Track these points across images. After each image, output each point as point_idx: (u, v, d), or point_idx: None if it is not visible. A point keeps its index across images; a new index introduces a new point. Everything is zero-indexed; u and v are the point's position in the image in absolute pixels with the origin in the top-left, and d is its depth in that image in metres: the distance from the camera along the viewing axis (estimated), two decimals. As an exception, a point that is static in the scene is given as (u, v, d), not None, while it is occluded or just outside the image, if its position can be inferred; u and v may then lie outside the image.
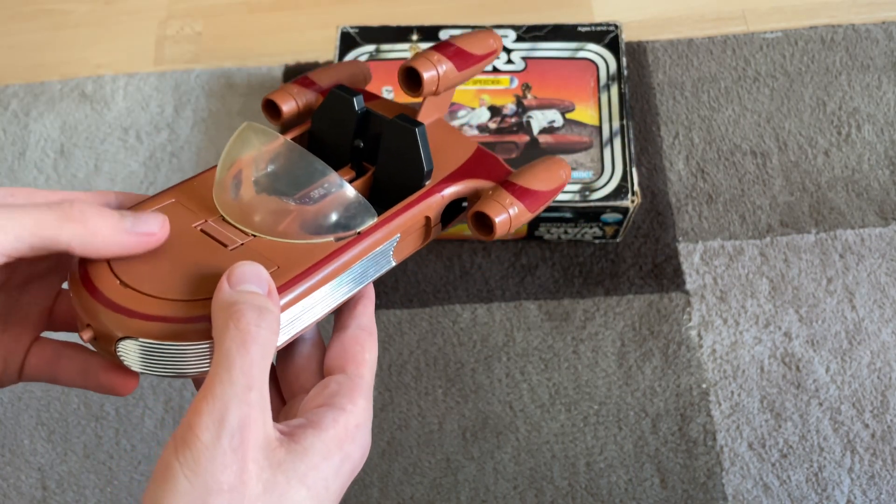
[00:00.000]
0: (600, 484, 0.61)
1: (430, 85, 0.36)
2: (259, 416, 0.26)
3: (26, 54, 0.83)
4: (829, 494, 0.60)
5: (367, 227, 0.33)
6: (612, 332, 0.66)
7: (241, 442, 0.25)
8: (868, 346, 0.64)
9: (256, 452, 0.25)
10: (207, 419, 0.25)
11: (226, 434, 0.25)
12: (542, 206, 0.37)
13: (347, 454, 0.28)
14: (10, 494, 0.63)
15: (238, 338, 0.26)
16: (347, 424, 0.29)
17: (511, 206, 0.35)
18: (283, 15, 0.84)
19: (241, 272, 0.28)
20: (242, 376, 0.25)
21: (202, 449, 0.24)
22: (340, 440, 0.28)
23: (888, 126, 0.73)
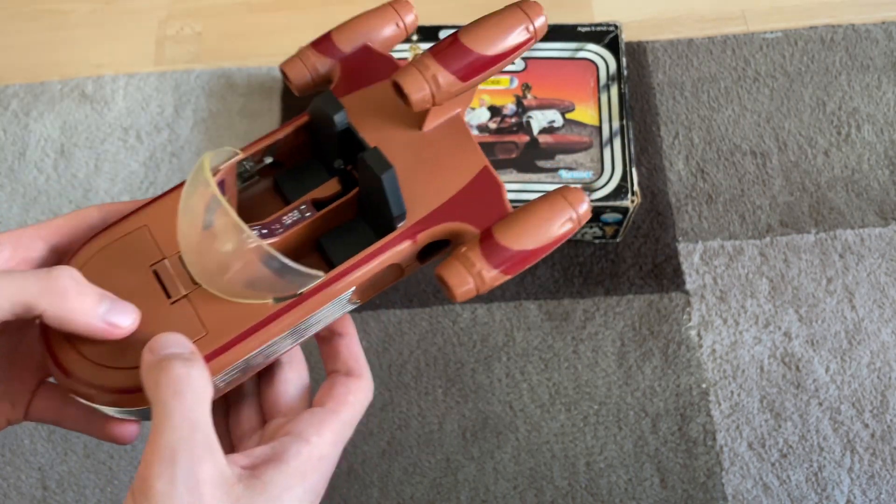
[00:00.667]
0: (600, 484, 0.61)
1: (421, 104, 0.31)
2: (207, 455, 0.26)
3: (26, 54, 0.83)
4: (829, 494, 0.60)
5: (309, 288, 0.31)
6: (612, 331, 0.66)
7: (196, 482, 0.25)
8: (868, 346, 0.64)
9: (213, 489, 0.26)
10: (159, 467, 0.25)
11: (179, 477, 0.25)
12: (526, 266, 0.32)
13: (311, 485, 0.29)
14: (10, 494, 0.63)
15: (170, 387, 0.27)
16: (311, 456, 0.29)
17: (479, 275, 0.31)
18: (283, 15, 0.84)
19: (162, 342, 0.28)
20: (183, 421, 0.26)
21: (159, 496, 0.25)
22: (303, 472, 0.29)
23: (888, 126, 0.73)
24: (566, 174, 0.65)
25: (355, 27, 0.37)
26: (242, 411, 0.35)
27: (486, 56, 0.32)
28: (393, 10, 0.37)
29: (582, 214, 0.32)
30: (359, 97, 0.35)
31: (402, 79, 0.31)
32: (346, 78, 0.35)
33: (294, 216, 0.33)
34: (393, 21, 0.36)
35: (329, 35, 0.36)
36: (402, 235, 0.32)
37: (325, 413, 0.31)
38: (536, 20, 0.32)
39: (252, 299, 0.31)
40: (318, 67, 0.36)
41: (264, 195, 0.36)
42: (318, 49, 0.36)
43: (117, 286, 0.31)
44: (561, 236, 0.32)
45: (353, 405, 0.32)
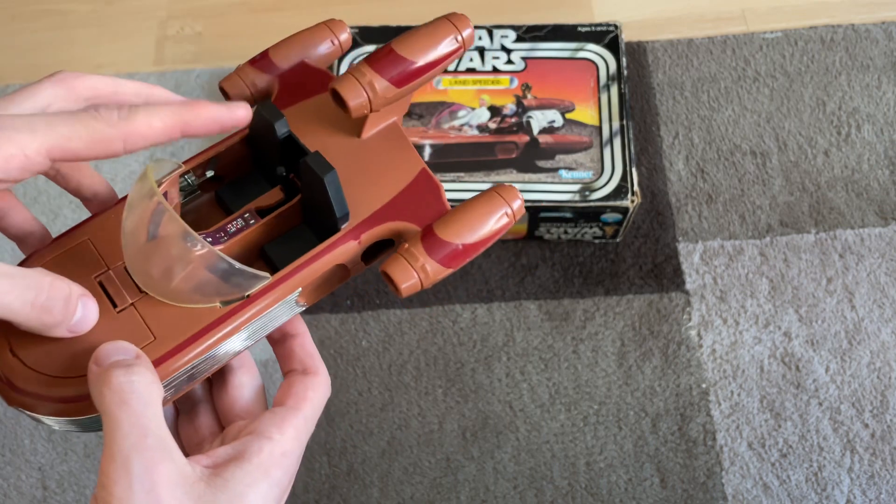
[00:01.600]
0: (600, 483, 0.61)
1: (359, 110, 0.33)
2: (163, 457, 0.26)
3: (27, 54, 0.83)
4: (829, 494, 0.60)
5: (256, 290, 0.31)
6: (612, 331, 0.66)
7: (153, 484, 0.26)
8: (868, 346, 0.64)
9: (173, 490, 0.26)
10: (115, 475, 0.26)
11: (135, 482, 0.26)
12: (468, 259, 0.33)
13: (275, 481, 0.29)
14: (10, 494, 0.63)
15: (115, 398, 0.27)
16: (273, 452, 0.30)
17: (423, 268, 0.32)
18: (283, 15, 0.84)
19: (105, 352, 0.29)
20: (132, 428, 0.26)
21: (117, 502, 0.25)
22: (266, 468, 0.29)
23: (888, 126, 0.73)
24: (566, 174, 0.65)
25: (291, 44, 0.38)
26: (198, 418, 0.35)
27: (419, 64, 0.34)
28: (327, 28, 0.39)
29: (516, 210, 0.34)
30: (298, 109, 0.36)
31: (339, 85, 0.33)
32: (284, 92, 0.37)
33: (238, 224, 0.34)
34: (328, 38, 0.38)
35: (266, 53, 0.37)
36: (346, 236, 0.33)
37: (286, 411, 0.31)
38: (464, 31, 0.35)
39: (200, 304, 0.31)
40: (256, 83, 0.36)
41: (206, 208, 0.36)
42: (256, 66, 0.37)
43: None
44: (498, 230, 0.33)
45: (312, 401, 0.32)
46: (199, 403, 0.35)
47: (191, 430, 0.35)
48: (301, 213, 0.35)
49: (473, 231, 0.33)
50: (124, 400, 0.27)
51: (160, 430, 0.27)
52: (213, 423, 0.35)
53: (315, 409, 0.33)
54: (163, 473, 0.26)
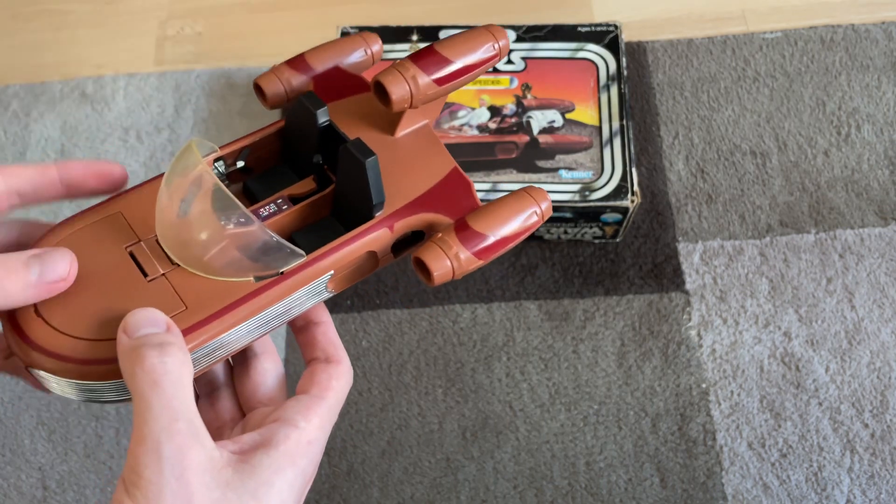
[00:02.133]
0: (600, 483, 0.61)
1: (401, 103, 0.34)
2: (193, 442, 0.27)
3: (27, 54, 0.83)
4: (829, 494, 0.60)
5: (291, 267, 0.32)
6: (612, 331, 0.66)
7: (183, 469, 0.26)
8: (868, 346, 0.64)
9: (202, 475, 0.26)
10: (145, 458, 0.26)
11: (166, 466, 0.26)
12: (498, 252, 0.34)
13: (301, 469, 0.29)
14: (10, 494, 0.63)
15: (147, 379, 0.27)
16: (300, 440, 0.30)
17: (456, 256, 0.32)
18: (283, 15, 0.84)
19: (136, 321, 0.28)
20: (164, 411, 0.26)
21: (148, 485, 0.26)
22: (293, 456, 0.29)
23: (888, 126, 0.73)
24: (566, 174, 0.65)
25: (327, 49, 0.39)
26: (218, 402, 0.35)
27: (459, 66, 0.35)
28: (362, 39, 0.40)
29: (545, 210, 0.35)
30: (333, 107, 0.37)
31: (384, 77, 0.33)
32: (318, 92, 0.37)
33: (271, 209, 0.34)
34: (361, 48, 0.39)
35: (302, 56, 0.38)
36: (379, 224, 0.33)
37: (311, 399, 0.32)
38: (501, 41, 0.37)
39: (233, 277, 0.31)
40: (291, 82, 0.38)
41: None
42: (292, 66, 0.38)
43: (91, 265, 0.31)
44: (527, 228, 0.35)
45: (336, 390, 0.33)
46: (219, 388, 0.35)
47: (211, 414, 0.35)
48: (331, 204, 0.35)
49: (505, 225, 0.34)
50: (156, 381, 0.27)
51: (190, 414, 0.27)
52: (234, 408, 0.35)
53: (338, 398, 0.33)
54: (193, 458, 0.26)
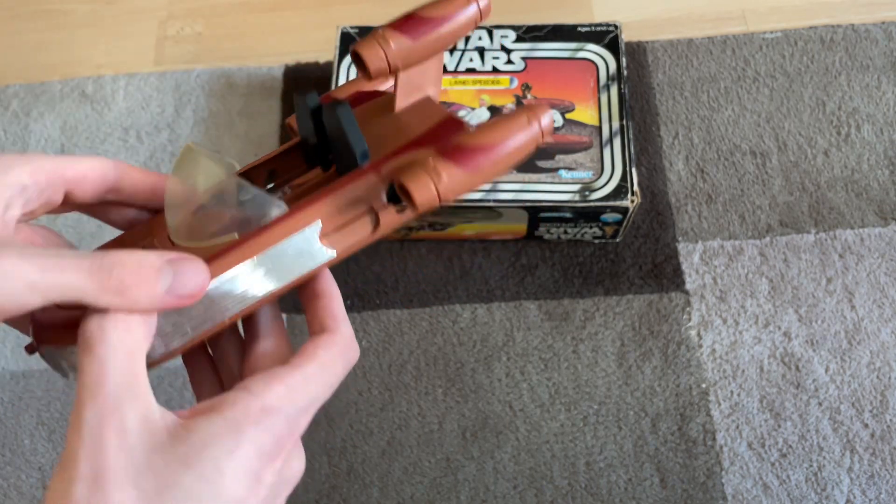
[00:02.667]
0: (600, 483, 0.61)
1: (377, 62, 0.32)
2: (117, 405, 0.26)
3: (27, 54, 0.83)
4: (829, 494, 0.60)
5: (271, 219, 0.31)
6: (612, 331, 0.66)
7: (100, 433, 0.25)
8: (867, 346, 0.64)
9: (124, 439, 0.25)
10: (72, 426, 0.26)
11: (84, 429, 0.25)
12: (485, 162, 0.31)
13: (249, 438, 0.27)
14: (10, 494, 0.63)
15: (83, 343, 0.27)
16: (249, 406, 0.28)
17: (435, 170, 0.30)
18: (283, 15, 0.84)
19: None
20: (90, 376, 0.26)
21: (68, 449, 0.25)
22: (238, 422, 0.27)
23: (887, 126, 0.73)
24: (566, 174, 0.65)
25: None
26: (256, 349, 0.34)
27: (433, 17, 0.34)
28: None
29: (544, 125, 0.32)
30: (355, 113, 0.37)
31: (356, 45, 0.33)
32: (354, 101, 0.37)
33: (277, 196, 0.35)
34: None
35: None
36: (366, 170, 0.32)
37: (283, 368, 0.30)
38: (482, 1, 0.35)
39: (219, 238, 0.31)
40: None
41: None
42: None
43: None
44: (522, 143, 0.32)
45: (319, 359, 0.30)
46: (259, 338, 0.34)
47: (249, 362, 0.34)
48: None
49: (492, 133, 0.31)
50: (91, 347, 0.26)
51: (126, 377, 0.26)
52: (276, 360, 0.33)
53: (324, 368, 0.30)
54: (113, 422, 0.26)
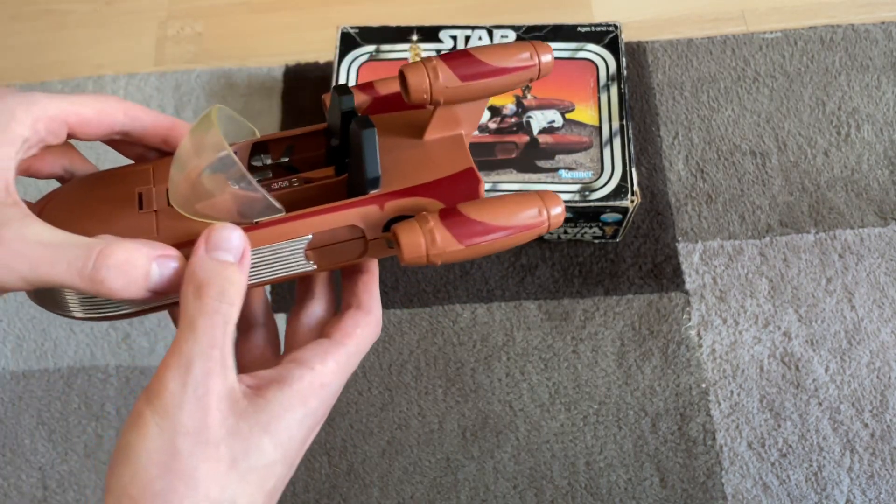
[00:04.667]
0: (600, 483, 0.61)
1: (419, 93, 0.32)
2: (220, 371, 0.28)
3: (27, 54, 0.83)
4: (829, 494, 0.60)
5: (267, 219, 0.32)
6: (612, 331, 0.66)
7: (205, 392, 0.27)
8: (867, 346, 0.64)
9: (220, 402, 0.28)
10: (174, 371, 0.27)
11: (190, 384, 0.27)
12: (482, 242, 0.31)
13: (311, 410, 0.30)
14: (10, 494, 0.63)
15: (201, 308, 0.28)
16: (313, 382, 0.31)
17: (431, 232, 0.30)
18: (283, 15, 0.84)
19: (217, 239, 0.29)
20: (204, 336, 0.28)
21: (170, 397, 0.27)
22: (304, 396, 0.30)
23: (887, 126, 0.73)
24: (566, 174, 0.65)
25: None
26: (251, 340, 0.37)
27: (489, 65, 0.33)
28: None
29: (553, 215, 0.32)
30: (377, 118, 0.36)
31: (405, 67, 0.33)
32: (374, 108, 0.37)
33: (282, 184, 0.35)
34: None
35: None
36: (370, 199, 0.33)
37: (330, 344, 0.32)
38: (543, 55, 0.34)
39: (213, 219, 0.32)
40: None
41: None
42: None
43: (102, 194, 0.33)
44: (526, 226, 0.32)
45: (358, 338, 0.33)
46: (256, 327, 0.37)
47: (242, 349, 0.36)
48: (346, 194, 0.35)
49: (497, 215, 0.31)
50: (207, 313, 0.28)
51: (226, 348, 0.28)
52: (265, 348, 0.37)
53: (359, 347, 0.33)
54: (217, 385, 0.28)
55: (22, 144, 0.30)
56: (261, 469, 0.29)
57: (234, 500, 0.28)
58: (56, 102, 0.31)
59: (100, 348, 0.68)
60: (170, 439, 0.27)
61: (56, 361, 0.68)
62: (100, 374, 0.67)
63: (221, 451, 0.28)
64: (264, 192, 0.31)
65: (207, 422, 0.27)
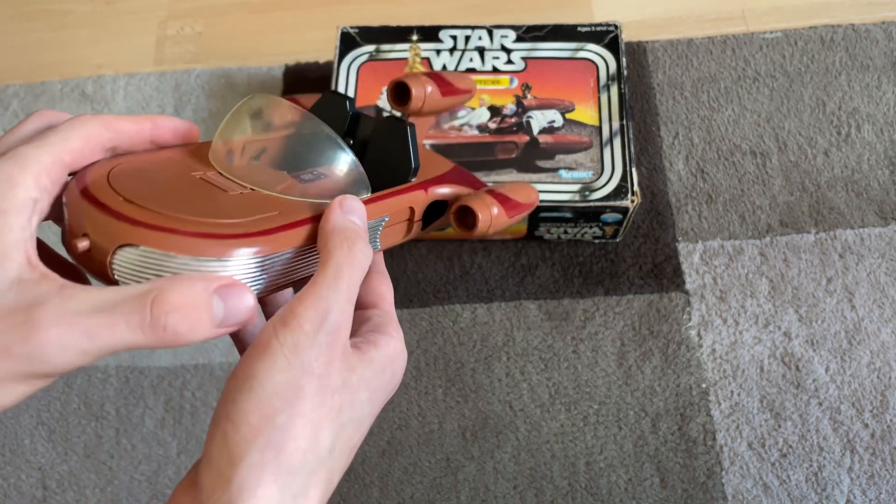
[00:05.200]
0: (600, 483, 0.61)
1: (417, 102, 0.38)
2: (348, 325, 0.30)
3: (27, 54, 0.83)
4: (829, 494, 0.60)
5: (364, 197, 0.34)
6: (612, 331, 0.66)
7: (334, 340, 0.29)
8: (868, 346, 0.64)
9: (342, 353, 0.29)
10: (312, 312, 0.28)
11: (324, 331, 0.28)
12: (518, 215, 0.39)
13: (394, 372, 0.33)
14: (10, 494, 0.63)
15: (349, 258, 0.30)
16: (396, 348, 0.33)
17: (493, 205, 0.37)
18: (283, 15, 0.84)
19: (351, 204, 0.32)
20: (346, 289, 0.29)
21: (303, 336, 0.28)
22: (391, 359, 0.33)
23: (888, 126, 0.73)
24: (566, 174, 0.65)
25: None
26: None
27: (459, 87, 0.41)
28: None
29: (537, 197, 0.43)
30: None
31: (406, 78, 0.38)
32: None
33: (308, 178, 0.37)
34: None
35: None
36: (416, 186, 0.37)
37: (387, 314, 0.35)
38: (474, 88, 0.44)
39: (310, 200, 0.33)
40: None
41: None
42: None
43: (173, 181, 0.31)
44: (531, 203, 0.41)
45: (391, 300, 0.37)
46: None
47: None
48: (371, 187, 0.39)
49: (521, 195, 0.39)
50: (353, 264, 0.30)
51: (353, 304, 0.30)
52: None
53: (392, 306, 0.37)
54: (343, 336, 0.29)
55: (34, 207, 0.28)
56: (356, 422, 0.30)
57: (333, 450, 0.29)
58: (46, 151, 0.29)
59: (100, 348, 0.68)
60: (296, 377, 0.27)
61: (56, 361, 0.68)
62: (99, 374, 0.67)
63: (336, 400, 0.29)
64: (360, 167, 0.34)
65: (329, 369, 0.29)
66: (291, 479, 0.27)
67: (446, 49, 0.70)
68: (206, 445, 0.27)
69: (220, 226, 0.29)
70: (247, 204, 0.31)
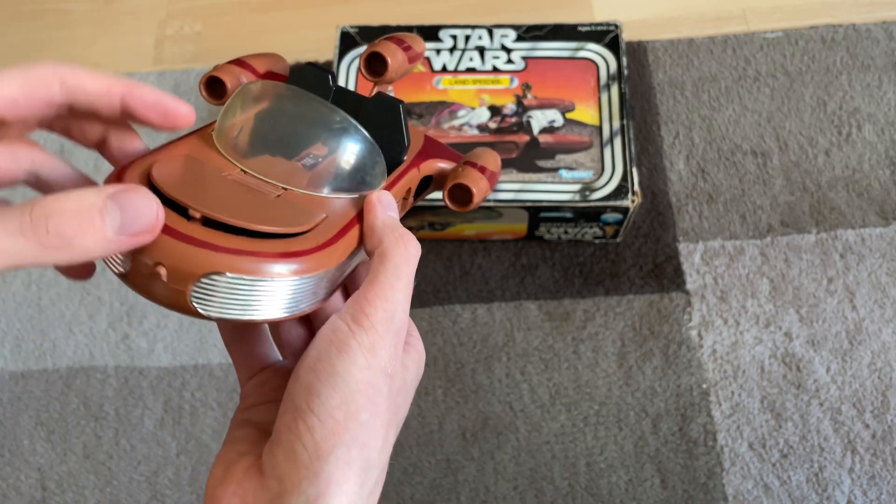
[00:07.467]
0: (600, 484, 0.61)
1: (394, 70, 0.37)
2: (406, 324, 0.30)
3: (26, 54, 0.83)
4: (830, 494, 0.60)
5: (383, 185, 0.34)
6: (613, 332, 0.66)
7: (399, 341, 0.29)
8: (868, 346, 0.64)
9: (401, 353, 0.30)
10: (382, 314, 0.29)
11: (392, 331, 0.29)
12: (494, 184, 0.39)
13: (419, 372, 0.33)
14: (9, 494, 0.63)
15: (405, 255, 0.30)
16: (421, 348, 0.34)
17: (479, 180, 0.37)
18: (283, 15, 0.84)
19: (388, 199, 0.32)
20: (406, 287, 0.30)
21: (377, 338, 0.28)
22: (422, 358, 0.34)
23: (889, 126, 0.73)
24: (566, 174, 0.64)
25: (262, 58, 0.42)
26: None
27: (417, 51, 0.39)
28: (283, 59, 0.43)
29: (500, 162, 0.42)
30: None
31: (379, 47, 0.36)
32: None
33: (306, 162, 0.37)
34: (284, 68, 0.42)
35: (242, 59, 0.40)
36: (411, 164, 0.37)
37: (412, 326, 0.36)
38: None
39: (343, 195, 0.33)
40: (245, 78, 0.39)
41: None
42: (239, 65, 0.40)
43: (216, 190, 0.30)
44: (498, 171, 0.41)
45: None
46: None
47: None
48: None
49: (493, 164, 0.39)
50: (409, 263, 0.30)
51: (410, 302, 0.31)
52: None
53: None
54: (404, 333, 0.30)
55: None
56: (399, 423, 0.31)
57: (389, 449, 0.30)
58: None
59: (98, 349, 0.68)
60: (374, 376, 0.28)
61: (55, 362, 0.68)
62: (98, 375, 0.67)
63: (399, 399, 0.30)
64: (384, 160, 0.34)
65: (396, 370, 0.29)
66: (367, 475, 0.28)
67: (446, 48, 0.70)
68: (282, 435, 0.27)
69: (293, 243, 0.28)
70: (292, 209, 0.30)
